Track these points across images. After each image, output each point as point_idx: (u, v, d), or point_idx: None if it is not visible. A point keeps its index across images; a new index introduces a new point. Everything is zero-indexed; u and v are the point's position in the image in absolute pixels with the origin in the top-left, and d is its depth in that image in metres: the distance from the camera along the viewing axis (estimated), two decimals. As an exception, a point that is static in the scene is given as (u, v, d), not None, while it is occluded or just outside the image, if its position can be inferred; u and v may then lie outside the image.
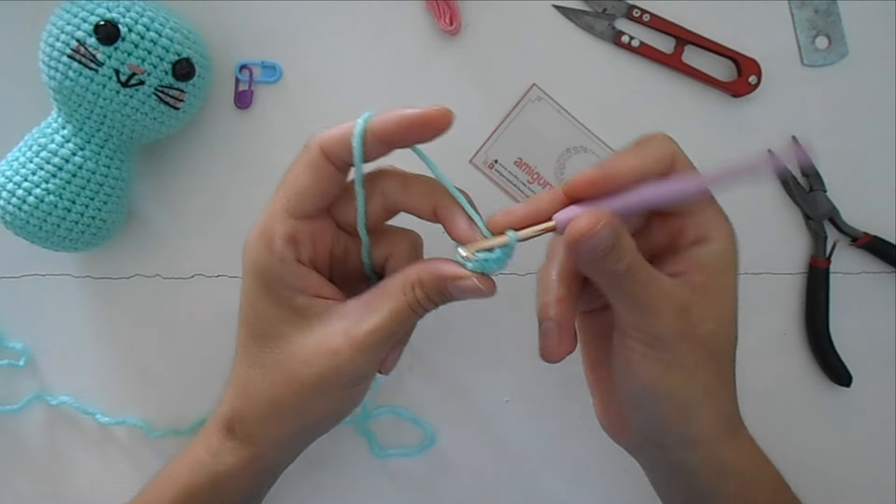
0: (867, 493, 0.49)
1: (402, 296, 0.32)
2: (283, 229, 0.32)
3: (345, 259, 0.35)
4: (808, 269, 0.48)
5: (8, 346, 0.47)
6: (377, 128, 0.31)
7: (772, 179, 0.48)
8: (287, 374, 0.33)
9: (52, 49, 0.39)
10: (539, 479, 0.49)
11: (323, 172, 0.32)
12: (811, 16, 0.47)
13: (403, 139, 0.31)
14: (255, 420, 0.34)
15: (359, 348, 0.32)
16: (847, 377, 0.48)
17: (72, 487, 0.48)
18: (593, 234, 0.28)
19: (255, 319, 0.34)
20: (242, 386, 0.34)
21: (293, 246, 0.32)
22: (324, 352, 0.32)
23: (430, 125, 0.31)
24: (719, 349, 0.33)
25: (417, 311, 0.32)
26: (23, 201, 0.40)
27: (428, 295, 0.32)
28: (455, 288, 0.31)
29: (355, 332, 0.32)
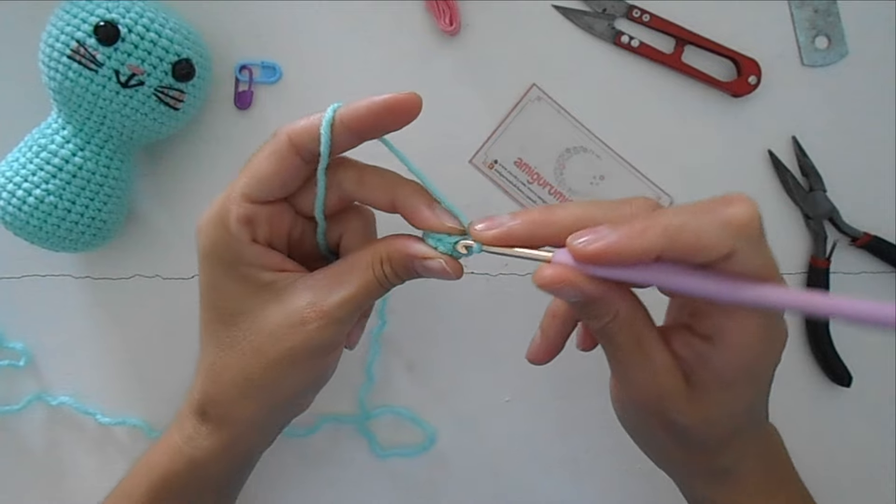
0: (867, 493, 0.49)
1: (370, 270, 0.32)
2: (238, 211, 0.32)
3: (301, 241, 0.35)
4: (808, 269, 0.48)
5: (8, 347, 0.47)
6: (346, 117, 0.31)
7: (772, 179, 0.48)
8: (256, 351, 0.33)
9: (51, 50, 0.39)
10: (539, 479, 0.49)
11: (287, 162, 0.32)
12: (811, 16, 0.47)
13: (373, 127, 0.31)
14: (228, 401, 0.34)
15: (328, 319, 0.32)
16: (847, 377, 0.48)
17: (72, 487, 0.48)
18: (554, 290, 0.28)
19: (219, 300, 0.34)
20: (211, 368, 0.34)
21: (248, 227, 0.33)
22: (293, 323, 0.32)
23: (398, 111, 0.31)
24: (697, 440, 0.32)
25: (384, 285, 0.33)
26: (23, 202, 0.40)
27: (395, 271, 0.32)
28: (422, 267, 0.32)
29: (324, 304, 0.32)
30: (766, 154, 0.48)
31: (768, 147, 0.48)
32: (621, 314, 0.29)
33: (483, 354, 0.48)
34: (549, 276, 0.28)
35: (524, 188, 0.48)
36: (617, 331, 0.29)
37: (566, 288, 0.28)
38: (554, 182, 0.48)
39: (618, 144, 0.47)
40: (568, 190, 0.48)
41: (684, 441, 0.32)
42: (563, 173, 0.48)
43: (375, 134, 0.32)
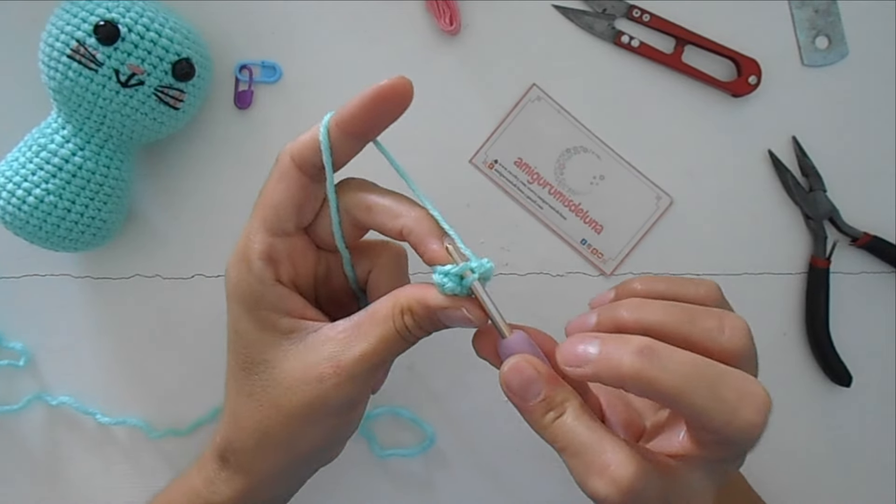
0: (867, 492, 0.49)
1: (390, 322, 0.30)
2: (259, 247, 0.31)
3: (328, 278, 0.34)
4: (808, 269, 0.48)
5: (8, 346, 0.47)
6: (342, 118, 0.30)
7: (772, 179, 0.48)
8: (274, 404, 0.31)
9: (51, 49, 0.39)
10: (539, 479, 0.49)
11: (295, 183, 0.31)
12: (811, 16, 0.47)
13: (370, 123, 0.30)
14: (247, 451, 0.33)
15: (346, 376, 0.30)
16: (847, 377, 0.48)
17: (72, 487, 0.48)
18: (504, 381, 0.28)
19: (240, 346, 0.32)
20: (233, 415, 0.33)
21: (271, 265, 0.31)
22: (309, 379, 0.30)
23: (390, 98, 0.29)
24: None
25: (408, 339, 0.31)
26: (23, 201, 0.40)
27: (418, 323, 0.30)
28: (445, 317, 0.30)
29: (342, 359, 0.30)
30: (766, 154, 0.48)
31: (768, 147, 0.48)
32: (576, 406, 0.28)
33: (483, 354, 0.48)
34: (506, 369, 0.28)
35: (524, 188, 0.48)
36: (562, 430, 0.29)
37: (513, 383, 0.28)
38: (554, 182, 0.48)
39: (618, 144, 0.47)
40: (568, 189, 0.48)
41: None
42: (563, 173, 0.48)
43: (374, 130, 0.31)
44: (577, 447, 0.26)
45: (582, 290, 0.48)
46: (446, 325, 0.30)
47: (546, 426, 0.27)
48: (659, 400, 0.25)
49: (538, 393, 0.27)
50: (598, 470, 0.25)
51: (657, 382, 0.24)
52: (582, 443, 0.26)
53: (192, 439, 0.48)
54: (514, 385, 0.28)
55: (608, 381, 0.25)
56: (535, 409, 0.27)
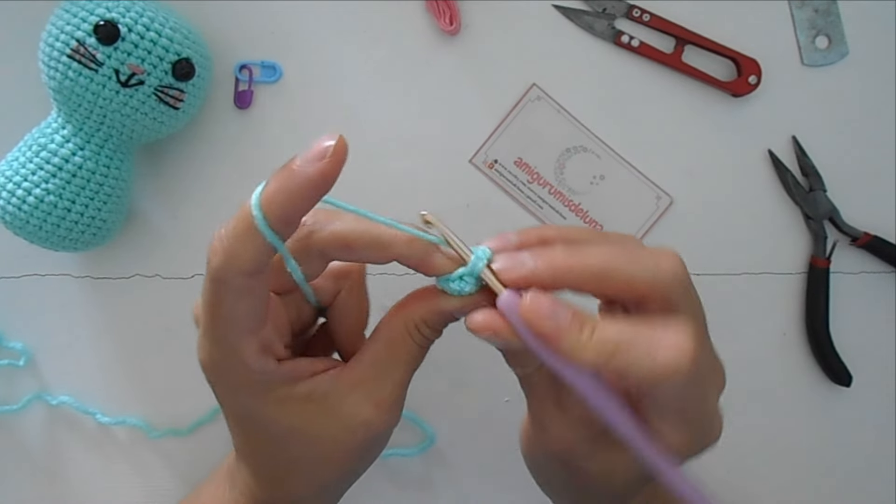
0: (867, 493, 0.49)
1: (410, 341, 0.30)
2: (252, 347, 0.28)
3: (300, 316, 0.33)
4: (808, 269, 0.48)
5: (8, 346, 0.47)
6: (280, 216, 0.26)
7: (772, 179, 0.48)
8: (324, 458, 0.31)
9: (51, 49, 0.39)
10: (539, 479, 0.49)
11: (254, 290, 0.27)
12: (811, 16, 0.47)
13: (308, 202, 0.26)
14: (301, 501, 0.33)
15: (388, 409, 0.31)
16: (847, 377, 0.48)
17: (72, 487, 0.48)
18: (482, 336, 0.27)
19: (261, 426, 0.31)
20: (273, 479, 0.33)
21: (269, 354, 0.29)
22: (356, 428, 0.30)
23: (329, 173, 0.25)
24: (602, 488, 0.32)
25: (425, 346, 0.31)
26: (23, 201, 0.40)
27: (434, 328, 0.31)
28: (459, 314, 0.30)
29: (380, 395, 0.30)
30: (766, 154, 0.48)
31: (768, 147, 0.48)
32: (545, 367, 0.29)
33: (483, 354, 0.48)
34: (479, 322, 0.27)
35: (524, 188, 0.48)
36: (537, 381, 0.30)
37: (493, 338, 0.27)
38: (554, 182, 0.48)
39: (618, 144, 0.47)
40: (568, 189, 0.48)
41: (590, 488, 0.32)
42: (563, 173, 0.48)
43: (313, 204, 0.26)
44: (629, 341, 0.25)
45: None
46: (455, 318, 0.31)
47: (587, 342, 0.26)
48: (588, 284, 0.27)
49: (567, 314, 0.26)
50: (660, 347, 0.25)
51: (584, 268, 0.26)
52: (631, 334, 0.26)
53: (192, 439, 0.48)
54: (545, 311, 0.26)
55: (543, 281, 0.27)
56: (571, 329, 0.26)
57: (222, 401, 0.32)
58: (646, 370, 0.25)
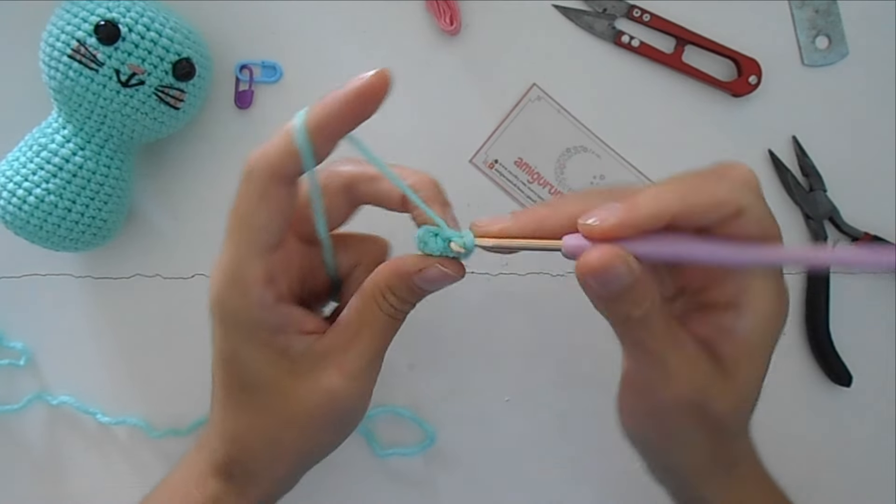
0: (867, 492, 0.49)
1: (377, 309, 0.30)
2: (256, 272, 0.29)
3: (313, 272, 0.34)
4: (808, 270, 0.48)
5: (8, 346, 0.47)
6: (318, 121, 0.28)
7: (772, 179, 0.48)
8: (286, 419, 0.31)
9: (52, 49, 0.39)
10: (539, 479, 0.49)
11: (279, 200, 0.29)
12: (811, 16, 0.47)
13: (347, 121, 0.28)
14: (257, 464, 0.33)
15: (354, 378, 0.31)
16: (847, 377, 0.48)
17: (72, 487, 0.48)
18: (606, 270, 0.25)
19: (239, 368, 0.31)
20: (236, 433, 0.33)
21: (272, 287, 0.30)
22: (321, 392, 0.31)
23: (372, 95, 0.28)
24: (728, 426, 0.31)
25: (397, 317, 0.31)
26: (23, 201, 0.40)
27: (400, 297, 0.30)
28: (422, 280, 0.30)
29: (345, 363, 0.30)
30: (766, 154, 0.48)
31: (768, 147, 0.48)
32: (657, 299, 0.27)
33: (483, 354, 0.48)
34: (598, 259, 0.25)
35: (524, 188, 0.48)
36: (655, 319, 0.27)
37: (620, 268, 0.25)
38: (554, 182, 0.48)
39: (618, 144, 0.47)
40: (568, 190, 0.48)
41: (717, 428, 0.30)
42: (563, 173, 0.48)
43: (351, 129, 0.29)
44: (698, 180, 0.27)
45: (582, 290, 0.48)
46: (425, 288, 0.30)
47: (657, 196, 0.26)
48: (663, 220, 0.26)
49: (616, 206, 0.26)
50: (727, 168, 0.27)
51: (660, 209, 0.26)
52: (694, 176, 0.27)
53: (192, 439, 0.48)
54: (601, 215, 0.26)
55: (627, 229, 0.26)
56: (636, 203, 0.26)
57: (215, 336, 0.32)
58: (729, 188, 0.26)
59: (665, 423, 0.31)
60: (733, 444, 0.32)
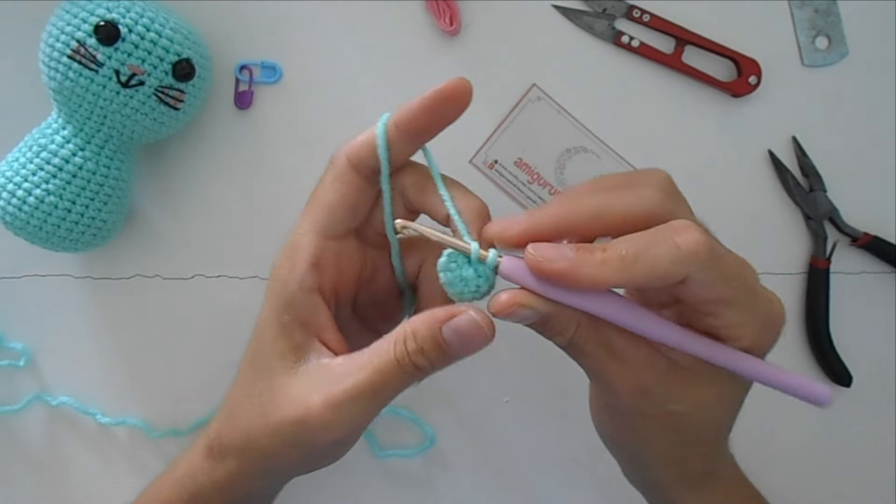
0: (867, 493, 0.49)
1: (390, 352, 0.28)
2: (308, 251, 0.31)
3: (373, 279, 0.34)
4: (808, 269, 0.48)
5: (8, 347, 0.47)
6: (401, 118, 0.30)
7: (772, 179, 0.48)
8: (263, 412, 0.30)
9: (52, 49, 0.39)
10: (539, 479, 0.49)
11: (350, 185, 0.31)
12: (811, 16, 0.47)
13: (429, 123, 0.30)
14: (230, 447, 0.32)
15: (334, 409, 0.28)
16: (847, 377, 0.48)
17: (72, 487, 0.48)
18: (510, 313, 0.27)
19: (258, 345, 0.32)
20: (228, 408, 0.33)
21: (316, 271, 0.31)
22: (296, 403, 0.29)
23: (452, 99, 0.29)
24: (689, 429, 0.31)
25: (408, 370, 0.28)
26: (23, 202, 0.40)
27: (421, 347, 0.28)
28: (451, 332, 0.28)
29: (332, 391, 0.28)
30: (766, 154, 0.48)
31: (768, 147, 0.48)
32: (583, 322, 0.28)
33: (483, 354, 0.48)
34: (504, 302, 0.27)
35: (524, 188, 0.48)
36: (584, 341, 0.29)
37: (523, 312, 0.27)
38: (554, 182, 0.48)
39: (618, 144, 0.47)
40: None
41: (683, 432, 0.31)
42: (563, 173, 0.48)
43: (431, 130, 0.30)
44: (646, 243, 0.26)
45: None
46: (453, 347, 0.28)
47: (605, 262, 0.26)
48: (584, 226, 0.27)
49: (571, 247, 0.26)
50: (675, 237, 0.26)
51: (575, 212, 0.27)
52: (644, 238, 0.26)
53: (191, 439, 0.48)
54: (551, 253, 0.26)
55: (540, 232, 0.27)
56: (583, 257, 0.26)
57: (262, 304, 0.32)
58: (671, 260, 0.25)
59: (626, 425, 0.32)
60: (706, 450, 0.32)
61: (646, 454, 0.33)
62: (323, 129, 0.47)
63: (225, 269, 0.47)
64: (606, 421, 0.33)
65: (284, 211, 0.47)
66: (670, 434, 0.31)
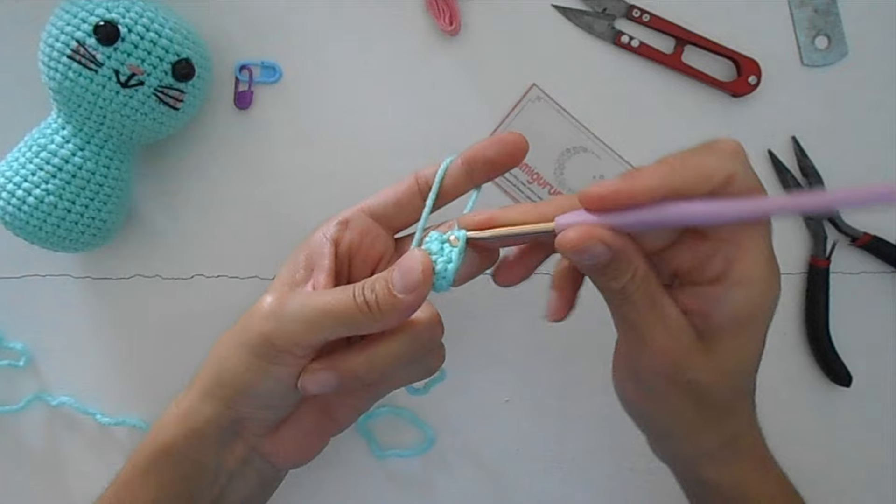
0: (867, 493, 0.49)
1: (349, 290, 0.32)
2: (345, 214, 0.36)
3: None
4: (808, 269, 0.48)
5: (8, 347, 0.47)
6: (468, 153, 0.35)
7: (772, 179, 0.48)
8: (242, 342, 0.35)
9: (51, 49, 0.39)
10: (539, 479, 0.49)
11: (407, 192, 0.36)
12: (811, 16, 0.47)
13: (488, 164, 0.35)
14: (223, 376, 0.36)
15: (278, 312, 0.33)
16: (847, 377, 0.48)
17: (72, 487, 0.48)
18: (582, 248, 0.27)
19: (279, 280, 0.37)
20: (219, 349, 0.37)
21: (341, 227, 0.36)
22: (267, 306, 0.34)
23: (513, 148, 0.35)
24: (710, 399, 0.31)
25: (359, 302, 0.31)
26: (23, 202, 0.40)
27: (373, 285, 0.31)
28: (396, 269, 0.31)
29: (282, 300, 0.33)
30: (766, 154, 0.48)
31: (768, 147, 0.48)
32: (640, 271, 0.29)
33: (483, 354, 0.48)
34: (575, 236, 0.27)
35: (524, 188, 0.48)
36: (635, 290, 0.29)
37: (595, 244, 0.27)
38: (554, 182, 0.48)
39: (618, 144, 0.47)
40: (568, 190, 0.48)
41: (702, 402, 0.31)
42: (563, 173, 0.48)
43: (487, 172, 0.35)
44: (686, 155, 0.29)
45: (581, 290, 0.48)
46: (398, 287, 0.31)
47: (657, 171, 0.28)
48: None
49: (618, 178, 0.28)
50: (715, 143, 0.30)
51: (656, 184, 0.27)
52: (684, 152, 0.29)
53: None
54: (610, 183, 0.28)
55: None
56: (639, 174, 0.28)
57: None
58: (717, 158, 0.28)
59: (649, 390, 0.32)
60: (726, 421, 0.33)
61: (664, 423, 0.33)
62: (323, 129, 0.47)
63: (225, 269, 0.47)
64: (630, 388, 0.33)
65: (284, 211, 0.47)
66: (690, 402, 0.31)
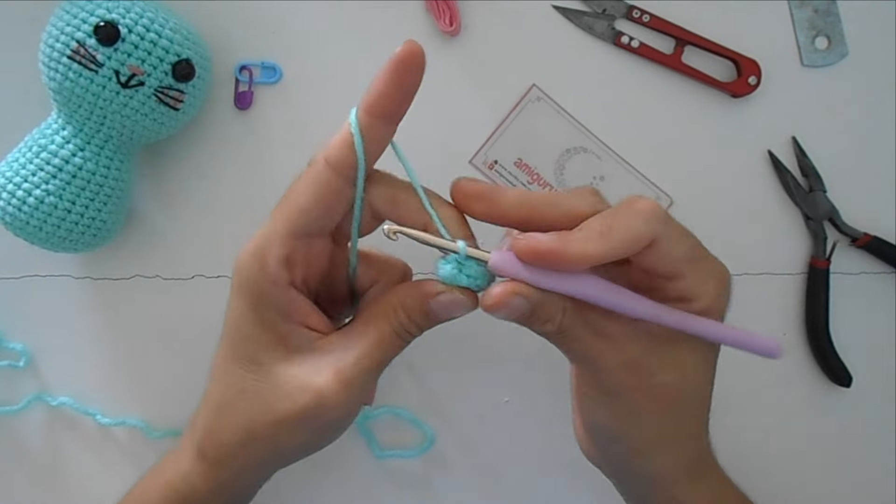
0: (867, 493, 0.49)
1: (386, 322, 0.31)
2: (279, 251, 0.31)
3: (335, 277, 0.34)
4: (808, 270, 0.48)
5: (8, 347, 0.47)
6: (368, 102, 0.29)
7: (772, 179, 0.48)
8: (266, 405, 0.31)
9: (52, 50, 0.39)
10: (538, 479, 0.49)
11: (328, 187, 0.30)
12: (811, 16, 0.47)
13: (397, 98, 0.29)
14: (228, 446, 0.32)
15: (346, 383, 0.30)
16: (847, 377, 0.48)
17: (72, 488, 0.48)
18: (504, 305, 0.29)
19: (239, 341, 0.32)
20: (218, 408, 0.33)
21: (289, 268, 0.31)
22: (308, 389, 0.30)
23: (409, 64, 0.29)
24: (679, 399, 0.32)
25: (403, 337, 0.31)
26: (23, 202, 0.40)
27: (411, 317, 0.31)
28: (437, 304, 0.31)
29: (342, 365, 0.30)
30: (766, 154, 0.48)
31: (768, 147, 0.48)
32: (568, 306, 0.30)
33: (483, 354, 0.48)
34: (496, 296, 0.29)
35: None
36: (571, 325, 0.30)
37: (513, 298, 0.29)
38: (554, 182, 0.48)
39: (618, 144, 0.47)
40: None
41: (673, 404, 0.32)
42: (563, 173, 0.48)
43: (401, 105, 0.30)
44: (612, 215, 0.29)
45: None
46: (438, 315, 0.31)
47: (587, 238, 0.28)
48: None
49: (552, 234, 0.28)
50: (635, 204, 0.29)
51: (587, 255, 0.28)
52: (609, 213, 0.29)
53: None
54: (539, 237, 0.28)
55: None
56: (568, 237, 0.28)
57: (228, 302, 0.32)
58: (642, 221, 0.28)
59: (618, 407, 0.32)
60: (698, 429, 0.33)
61: (641, 439, 0.33)
62: (323, 129, 0.46)
63: (225, 270, 0.47)
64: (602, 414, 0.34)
65: (284, 211, 0.47)
66: (662, 408, 0.32)
